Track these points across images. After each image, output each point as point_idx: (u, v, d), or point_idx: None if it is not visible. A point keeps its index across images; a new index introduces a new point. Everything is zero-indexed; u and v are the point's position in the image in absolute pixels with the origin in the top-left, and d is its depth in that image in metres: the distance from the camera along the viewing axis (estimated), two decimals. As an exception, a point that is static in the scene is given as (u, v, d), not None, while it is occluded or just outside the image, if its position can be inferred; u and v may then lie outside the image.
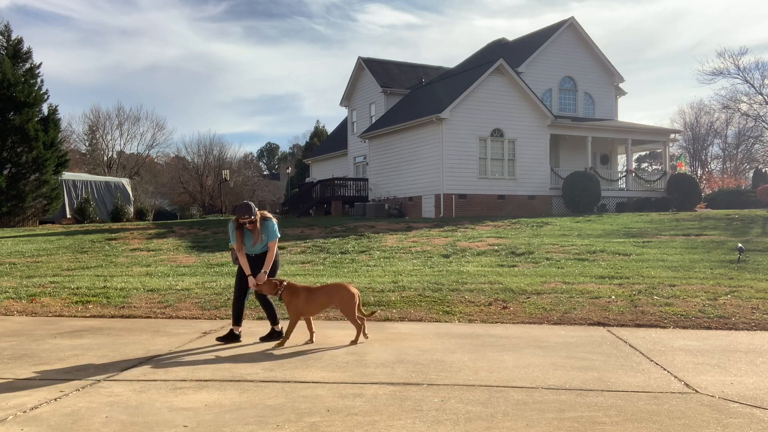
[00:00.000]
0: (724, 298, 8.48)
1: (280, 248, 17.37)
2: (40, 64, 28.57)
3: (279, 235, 6.74)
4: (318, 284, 7.39)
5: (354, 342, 6.33)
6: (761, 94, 45.59)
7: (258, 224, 6.55)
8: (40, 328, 7.34)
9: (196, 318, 8.02)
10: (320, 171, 40.15)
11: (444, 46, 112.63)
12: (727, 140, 57.70)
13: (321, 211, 31.50)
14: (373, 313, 7.16)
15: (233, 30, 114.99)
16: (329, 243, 15.18)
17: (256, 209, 6.58)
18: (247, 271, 6.53)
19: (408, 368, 5.33)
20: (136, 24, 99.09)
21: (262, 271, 6.50)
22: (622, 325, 7.41)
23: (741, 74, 45.73)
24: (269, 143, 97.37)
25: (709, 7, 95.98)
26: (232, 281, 10.24)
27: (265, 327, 6.92)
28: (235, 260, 6.74)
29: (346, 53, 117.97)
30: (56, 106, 28.99)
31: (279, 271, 6.94)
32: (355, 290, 6.42)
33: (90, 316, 8.18)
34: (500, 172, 26.43)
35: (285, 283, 6.39)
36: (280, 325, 6.68)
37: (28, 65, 28.44)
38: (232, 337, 6.49)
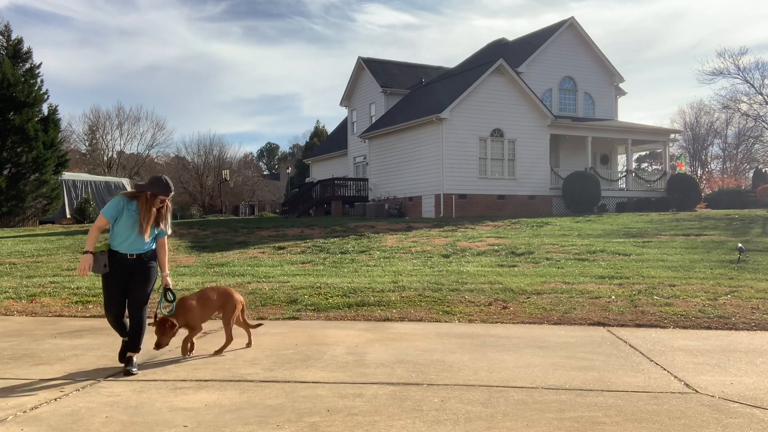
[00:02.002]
0: (724, 298, 8.48)
1: (280, 248, 17.17)
2: (40, 64, 28.64)
3: None
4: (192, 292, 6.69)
5: (218, 352, 5.77)
6: (761, 94, 45.63)
7: (167, 210, 5.43)
8: (40, 328, 7.34)
9: (196, 318, 8.01)
10: (320, 171, 40.16)
11: (443, 46, 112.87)
12: (727, 140, 57.79)
13: (321, 211, 31.50)
14: (259, 325, 6.45)
15: (233, 30, 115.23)
16: (329, 243, 15.18)
17: None
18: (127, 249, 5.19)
19: (408, 368, 5.33)
20: (136, 24, 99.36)
21: (168, 272, 5.57)
22: (622, 325, 7.40)
23: (741, 74, 45.80)
24: (269, 143, 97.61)
25: (709, 7, 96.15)
26: (233, 281, 10.22)
27: (263, 329, 6.88)
28: (103, 267, 5.19)
29: (345, 53, 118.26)
30: (56, 106, 29.05)
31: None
32: (240, 297, 5.94)
33: (90, 316, 8.17)
34: (500, 172, 26.44)
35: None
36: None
37: (28, 65, 28.47)
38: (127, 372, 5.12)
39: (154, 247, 5.44)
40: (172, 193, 5.40)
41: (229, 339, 5.84)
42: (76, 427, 3.89)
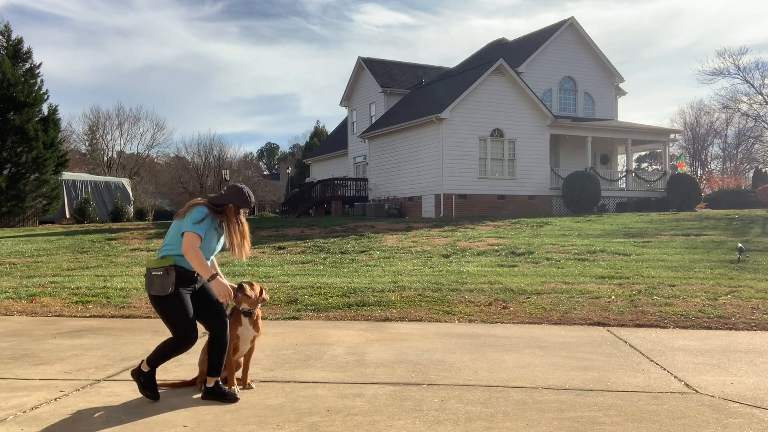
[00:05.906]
0: (724, 298, 8.48)
1: (280, 248, 17.15)
2: (40, 64, 28.64)
3: None
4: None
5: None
6: (761, 94, 45.65)
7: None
8: (40, 328, 7.34)
9: (196, 318, 8.01)
10: (320, 171, 40.16)
11: (441, 46, 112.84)
12: (727, 140, 57.82)
13: (321, 211, 31.50)
14: None
15: (230, 30, 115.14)
16: (329, 243, 15.18)
17: None
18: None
19: (408, 368, 5.33)
20: (133, 24, 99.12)
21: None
22: (622, 325, 7.40)
23: (741, 74, 45.85)
24: (269, 143, 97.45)
25: (707, 6, 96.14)
26: (233, 281, 10.18)
27: (263, 329, 6.86)
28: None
29: (343, 53, 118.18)
30: (56, 106, 29.06)
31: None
32: None
33: (90, 316, 8.17)
34: (500, 172, 26.45)
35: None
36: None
37: (28, 65, 28.48)
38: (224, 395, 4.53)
39: None
40: (253, 205, 4.72)
41: None
42: (76, 427, 3.89)
